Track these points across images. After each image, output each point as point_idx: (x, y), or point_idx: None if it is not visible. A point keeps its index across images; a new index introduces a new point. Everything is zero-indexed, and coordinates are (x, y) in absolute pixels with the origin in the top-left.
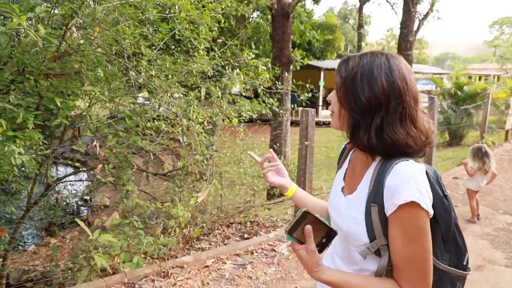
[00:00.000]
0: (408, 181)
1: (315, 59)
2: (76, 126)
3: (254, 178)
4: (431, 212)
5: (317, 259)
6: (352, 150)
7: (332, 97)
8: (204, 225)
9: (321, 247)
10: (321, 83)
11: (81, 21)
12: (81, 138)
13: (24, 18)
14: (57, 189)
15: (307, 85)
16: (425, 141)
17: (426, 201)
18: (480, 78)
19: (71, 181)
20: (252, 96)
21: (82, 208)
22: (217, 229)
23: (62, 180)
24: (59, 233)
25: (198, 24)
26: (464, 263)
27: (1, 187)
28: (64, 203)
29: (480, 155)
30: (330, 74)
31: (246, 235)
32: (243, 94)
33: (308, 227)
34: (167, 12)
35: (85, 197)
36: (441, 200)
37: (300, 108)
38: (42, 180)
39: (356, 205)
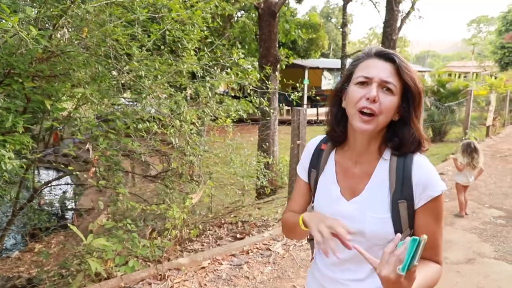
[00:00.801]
0: (435, 173)
1: (299, 58)
2: (58, 129)
3: (243, 178)
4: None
5: (415, 277)
6: (334, 151)
7: (385, 99)
8: (201, 226)
9: None
10: (306, 82)
11: (69, 21)
12: (62, 141)
13: (16, 19)
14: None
15: (298, 84)
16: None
17: None
18: (459, 76)
19: (56, 185)
20: (241, 95)
21: (67, 212)
22: (209, 230)
23: (48, 184)
24: (43, 238)
25: (188, 24)
26: None
27: None
28: (49, 207)
29: (469, 150)
30: (314, 73)
31: (238, 235)
32: (228, 94)
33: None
34: (157, 12)
35: (70, 200)
36: None
37: (286, 108)
38: (26, 185)
39: (376, 204)
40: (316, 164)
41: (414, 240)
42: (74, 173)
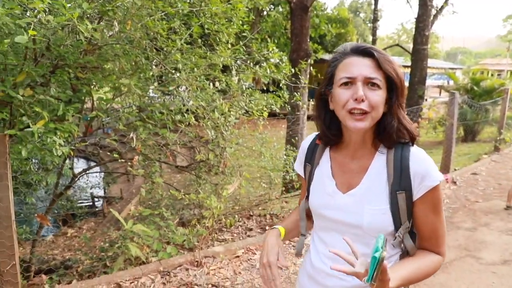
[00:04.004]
0: (431, 163)
1: (326, 53)
2: (87, 118)
3: (272, 171)
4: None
5: (389, 278)
6: (328, 147)
7: (373, 95)
8: (236, 216)
9: None
10: None
11: (115, 13)
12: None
13: (76, 14)
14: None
15: None
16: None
17: None
18: (492, 74)
19: (88, 173)
20: (274, 89)
21: (97, 199)
22: (238, 221)
23: (86, 172)
24: (75, 224)
25: (227, 18)
26: None
27: (22, 178)
28: (80, 195)
29: None
30: None
31: (267, 227)
32: (254, 87)
33: (385, 264)
34: (197, 5)
35: (100, 188)
36: None
37: (306, 103)
38: (64, 172)
39: (374, 197)
40: (311, 158)
41: (373, 258)
42: (119, 160)
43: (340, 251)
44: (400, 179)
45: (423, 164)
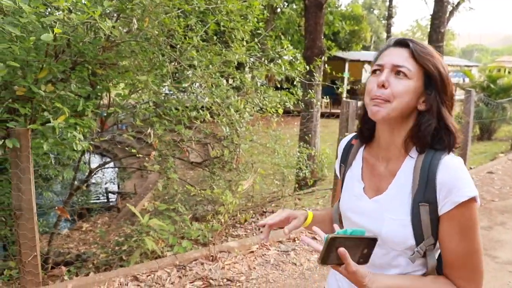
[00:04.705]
0: (463, 176)
1: (340, 50)
2: (102, 114)
3: (286, 168)
4: (479, 203)
5: (362, 273)
6: (363, 147)
7: (397, 84)
8: (251, 211)
9: (365, 258)
10: (346, 75)
11: (133, 10)
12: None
13: (98, 12)
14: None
15: (347, 77)
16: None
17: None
18: (510, 72)
19: (104, 168)
20: (289, 86)
21: (111, 195)
22: (252, 217)
23: (102, 167)
24: (90, 219)
25: (242, 15)
26: None
27: (40, 173)
28: (94, 190)
29: None
30: (355, 66)
31: None
32: (266, 84)
33: (342, 251)
34: (214, 2)
35: (114, 183)
36: None
37: (325, 101)
38: (80, 167)
39: (397, 206)
40: (346, 159)
41: (325, 238)
42: (137, 156)
43: (308, 239)
44: (425, 190)
45: (452, 175)
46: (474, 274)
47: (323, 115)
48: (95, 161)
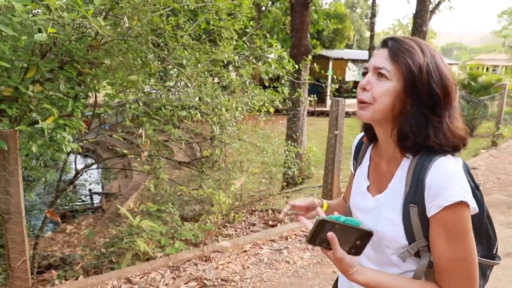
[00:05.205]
0: (451, 179)
1: (324, 48)
2: (86, 114)
3: (274, 166)
4: (476, 209)
5: (349, 262)
6: (371, 146)
7: (377, 86)
8: (244, 211)
9: (357, 249)
10: (329, 73)
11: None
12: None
13: (91, 11)
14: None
15: (334, 76)
16: (464, 136)
17: (471, 198)
18: (487, 69)
19: (91, 169)
20: (272, 84)
21: (95, 196)
22: (241, 217)
23: (88, 168)
24: (74, 220)
25: (232, 13)
26: (494, 252)
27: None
28: (79, 191)
29: None
30: (339, 64)
31: (270, 222)
32: (251, 83)
33: (330, 235)
34: (203, 1)
35: (98, 185)
36: (473, 192)
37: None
38: (64, 168)
39: (391, 206)
40: (357, 156)
41: (317, 219)
42: (129, 156)
43: (305, 219)
44: (415, 192)
45: (440, 178)
46: (462, 282)
47: (308, 113)
48: (79, 162)
